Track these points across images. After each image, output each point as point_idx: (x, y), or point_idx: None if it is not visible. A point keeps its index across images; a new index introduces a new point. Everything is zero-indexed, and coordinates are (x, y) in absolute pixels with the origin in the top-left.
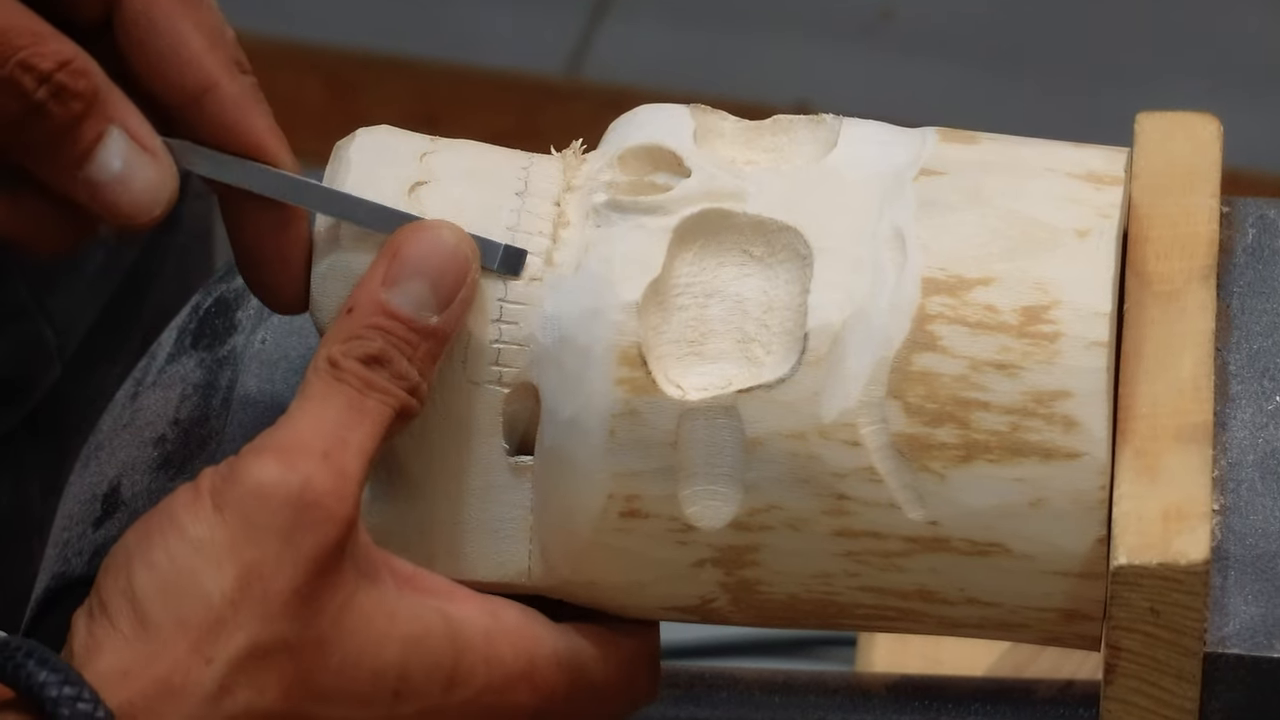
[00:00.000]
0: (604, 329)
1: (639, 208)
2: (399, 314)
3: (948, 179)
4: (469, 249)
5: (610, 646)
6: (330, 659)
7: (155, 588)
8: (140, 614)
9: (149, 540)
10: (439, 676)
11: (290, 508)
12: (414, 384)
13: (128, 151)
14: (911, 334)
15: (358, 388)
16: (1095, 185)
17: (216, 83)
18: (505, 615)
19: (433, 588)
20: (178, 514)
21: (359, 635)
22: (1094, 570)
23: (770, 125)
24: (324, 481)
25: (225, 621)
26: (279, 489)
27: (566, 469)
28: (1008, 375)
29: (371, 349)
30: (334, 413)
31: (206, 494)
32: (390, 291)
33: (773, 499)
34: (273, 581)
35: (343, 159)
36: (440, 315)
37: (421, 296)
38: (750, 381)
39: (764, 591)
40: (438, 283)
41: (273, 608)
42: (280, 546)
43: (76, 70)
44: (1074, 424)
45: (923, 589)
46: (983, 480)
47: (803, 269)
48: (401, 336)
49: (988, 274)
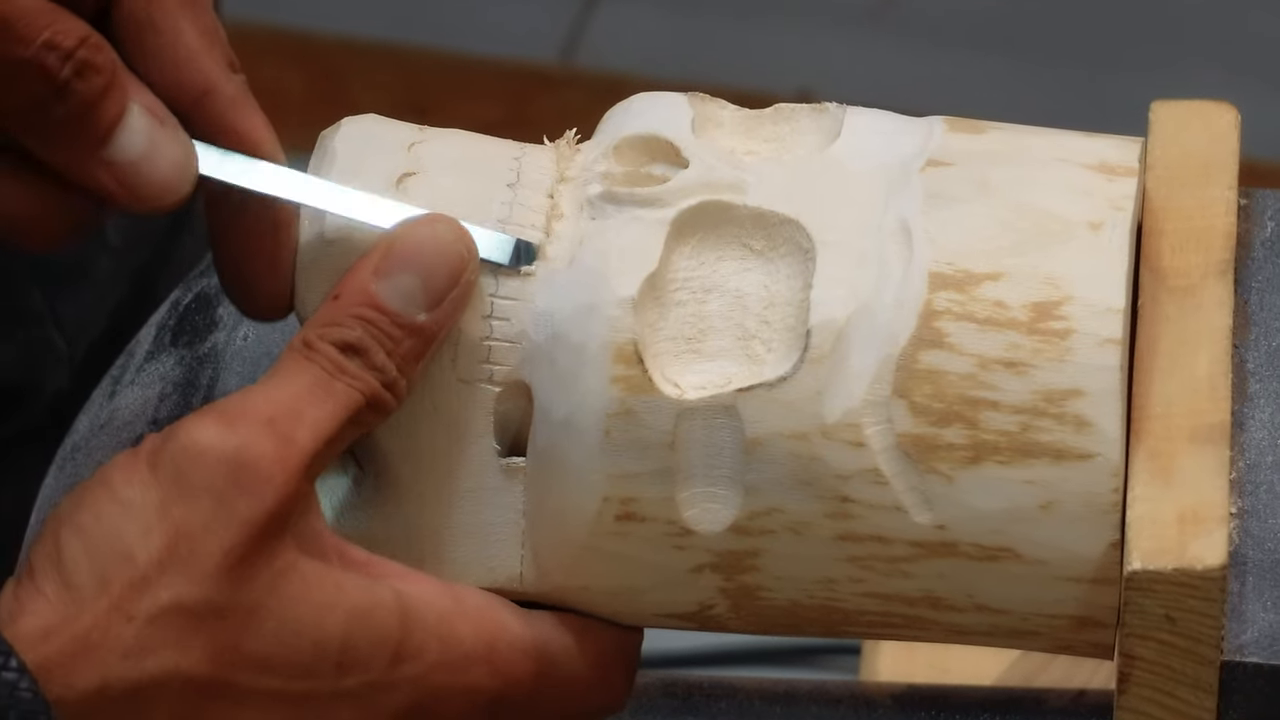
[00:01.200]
0: (599, 325)
1: (635, 200)
2: (385, 306)
3: (955, 170)
4: (467, 247)
5: (585, 640)
6: (264, 625)
7: (81, 549)
8: (64, 575)
9: (80, 504)
10: (385, 650)
11: (225, 468)
12: (390, 378)
13: (150, 128)
14: (918, 331)
15: (327, 369)
16: (1108, 176)
17: (215, 84)
18: (467, 598)
19: (388, 571)
20: (110, 476)
21: (299, 603)
22: (1107, 576)
23: (771, 114)
24: (264, 446)
25: (149, 580)
26: (214, 449)
27: (560, 471)
28: (1017, 374)
29: (350, 336)
30: (294, 387)
31: (143, 456)
32: (379, 283)
33: (774, 502)
34: (202, 542)
35: (327, 149)
36: (429, 313)
37: (411, 291)
38: (750, 380)
39: (765, 598)
40: (429, 279)
41: (201, 569)
42: (212, 507)
43: (96, 45)
44: (1086, 424)
45: (930, 595)
46: (992, 482)
47: (805, 263)
48: (384, 330)
49: (997, 269)
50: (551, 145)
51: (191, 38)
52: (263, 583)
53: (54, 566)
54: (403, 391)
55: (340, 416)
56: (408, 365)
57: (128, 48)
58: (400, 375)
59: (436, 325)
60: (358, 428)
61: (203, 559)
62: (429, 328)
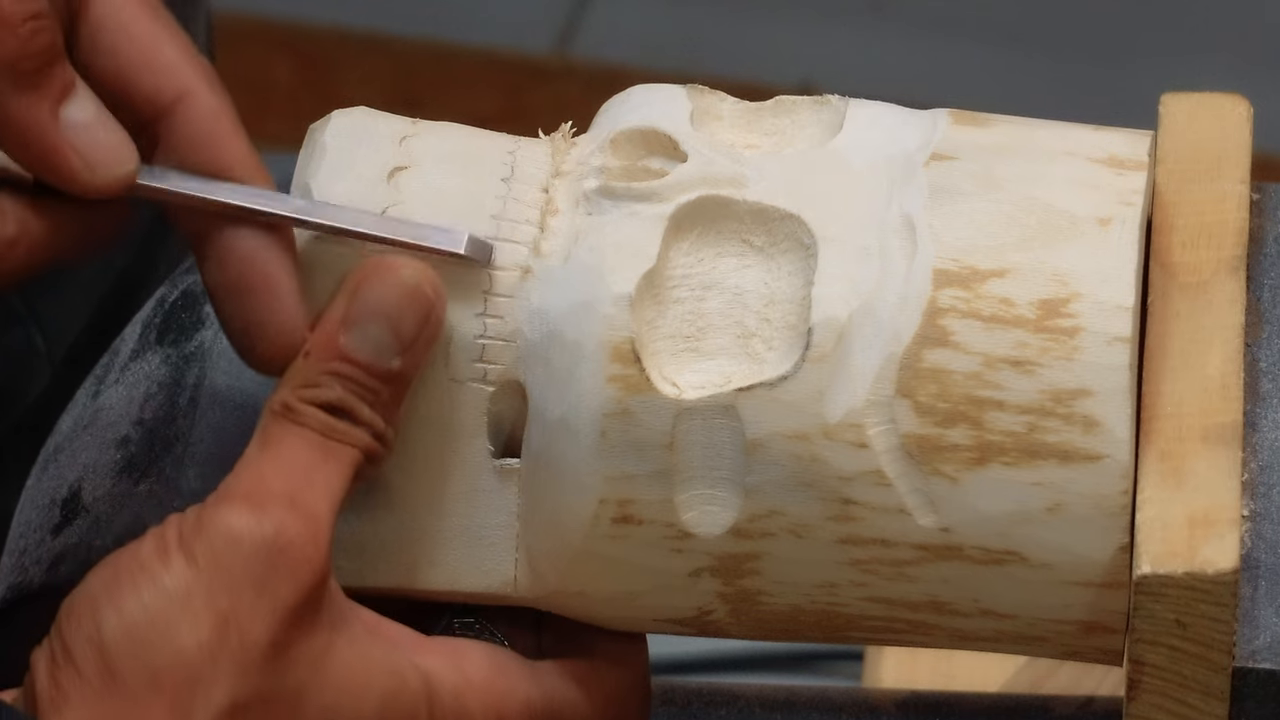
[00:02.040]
0: (595, 323)
1: (632, 194)
2: (357, 359)
3: (960, 164)
4: (431, 287)
5: (592, 684)
6: (307, 712)
7: (125, 636)
8: (109, 664)
9: (118, 585)
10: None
11: (264, 555)
12: (379, 430)
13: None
14: (922, 329)
15: (320, 431)
16: (1117, 170)
17: (192, 90)
18: (472, 669)
19: (399, 639)
20: (147, 560)
21: (337, 686)
22: (1116, 580)
23: (771, 107)
24: (296, 527)
25: (202, 677)
26: (251, 536)
27: (555, 472)
28: (1024, 373)
29: (330, 396)
30: (297, 456)
31: (174, 542)
32: (348, 335)
33: (774, 504)
34: (249, 632)
35: (316, 143)
36: (401, 358)
37: (381, 340)
38: (750, 379)
39: (765, 602)
40: (398, 325)
41: (250, 659)
42: (255, 595)
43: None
44: (1094, 424)
45: (934, 600)
46: (997, 484)
47: (806, 260)
48: (361, 383)
49: (1003, 265)
50: (546, 139)
51: (166, 43)
52: (305, 666)
53: (96, 652)
54: (391, 439)
55: (345, 480)
56: (391, 413)
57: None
58: (387, 426)
59: (411, 368)
60: (357, 483)
61: (250, 649)
62: (404, 372)
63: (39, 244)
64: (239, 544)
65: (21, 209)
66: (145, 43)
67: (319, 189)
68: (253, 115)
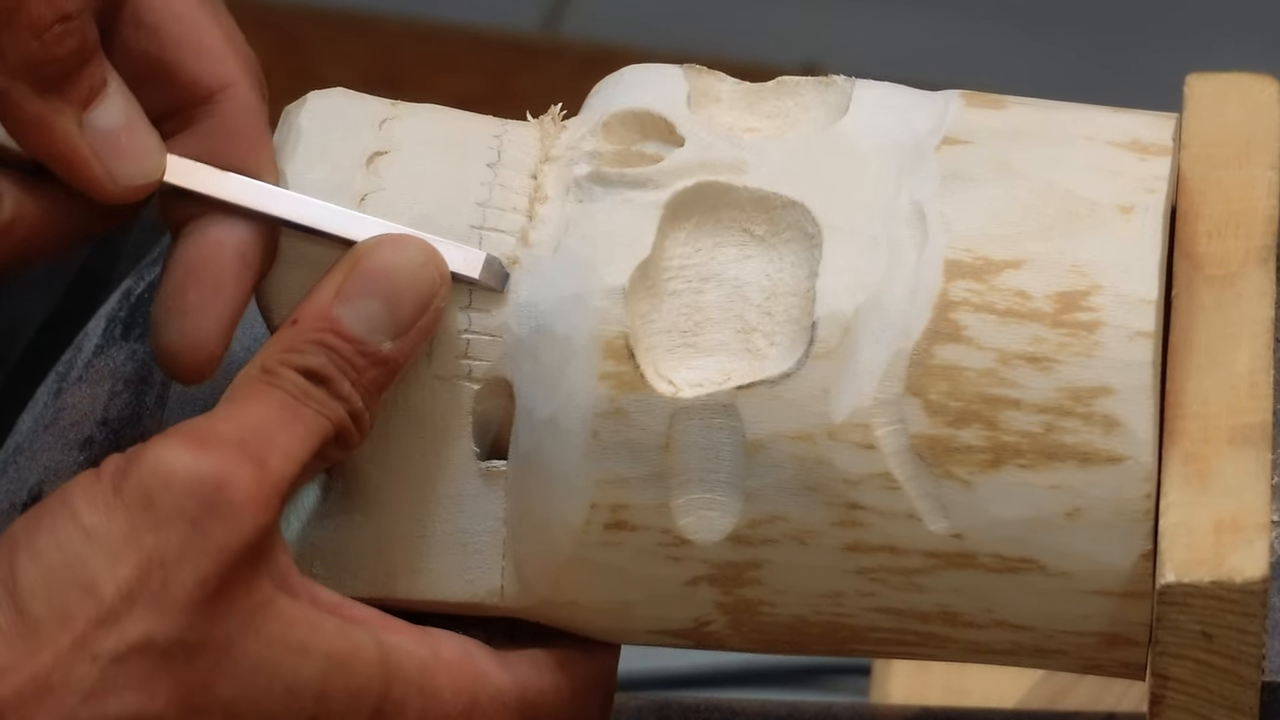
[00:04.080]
0: (586, 317)
1: (626, 181)
2: (348, 333)
3: (973, 148)
4: (439, 271)
5: (563, 677)
6: (238, 666)
7: (39, 577)
8: (20, 605)
9: (38, 526)
10: (365, 703)
11: (198, 494)
12: (355, 409)
13: (129, 106)
14: (933, 323)
15: (293, 394)
16: (1140, 155)
17: (234, 83)
18: (444, 648)
19: (362, 617)
20: (72, 498)
21: (275, 644)
22: (1138, 589)
23: (774, 88)
24: (239, 471)
25: (116, 615)
26: (186, 473)
27: (544, 475)
28: (1041, 369)
29: (313, 363)
30: (262, 410)
31: (107, 478)
32: (342, 307)
33: (776, 509)
34: (175, 573)
35: (291, 126)
36: (394, 341)
37: (376, 318)
38: (751, 376)
39: (766, 613)
40: (396, 306)
41: (173, 601)
42: (186, 534)
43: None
44: (1116, 424)
45: (945, 610)
46: (1013, 488)
47: (810, 250)
48: (347, 358)
49: (1019, 255)
50: (535, 122)
51: (214, 31)
52: (238, 619)
53: (8, 595)
54: (367, 425)
55: (310, 446)
56: (371, 396)
57: (141, 36)
58: (365, 407)
59: (402, 355)
60: (321, 461)
61: (175, 591)
62: (394, 357)
63: (36, 229)
64: (171, 481)
65: (19, 191)
66: (191, 26)
67: (294, 174)
68: None
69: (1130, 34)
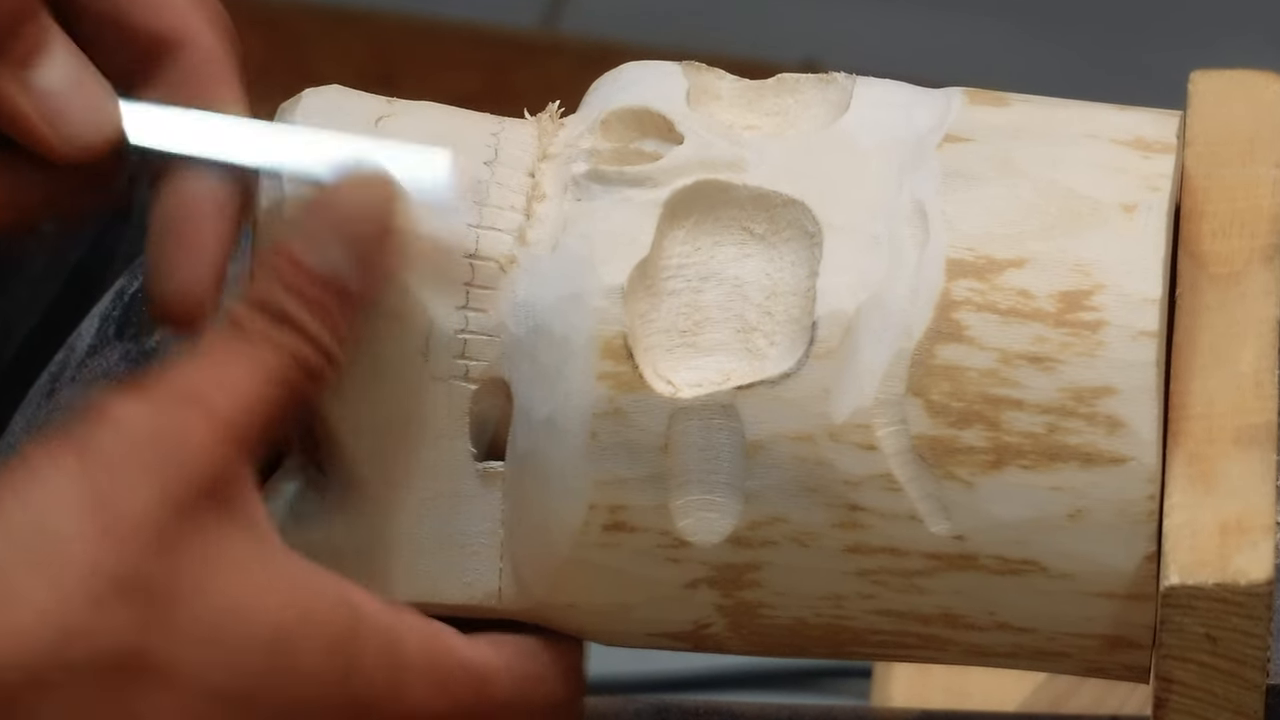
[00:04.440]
0: (584, 317)
1: (624, 179)
2: (309, 269)
3: (976, 146)
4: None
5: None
6: (195, 602)
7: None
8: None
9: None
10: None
11: (150, 442)
12: (322, 343)
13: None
14: (934, 323)
15: (253, 340)
16: (1143, 153)
17: (192, 36)
18: (411, 617)
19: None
20: (32, 457)
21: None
22: (1142, 591)
23: (774, 86)
24: (187, 416)
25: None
26: (134, 421)
27: (542, 476)
28: (1044, 369)
29: (271, 299)
30: (217, 357)
31: (65, 437)
32: (302, 244)
33: (776, 510)
34: (129, 514)
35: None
36: (356, 278)
37: (335, 251)
38: (751, 376)
39: (766, 615)
40: (356, 242)
41: (130, 541)
42: (138, 479)
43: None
44: (1119, 425)
45: (947, 612)
46: (1015, 489)
47: (810, 249)
48: (309, 294)
49: (1021, 254)
50: (533, 119)
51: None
52: (198, 561)
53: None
54: (339, 358)
55: (268, 383)
56: (338, 329)
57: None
58: (333, 341)
59: (365, 290)
60: (293, 397)
61: (131, 530)
62: (358, 291)
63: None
64: (122, 430)
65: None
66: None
67: None
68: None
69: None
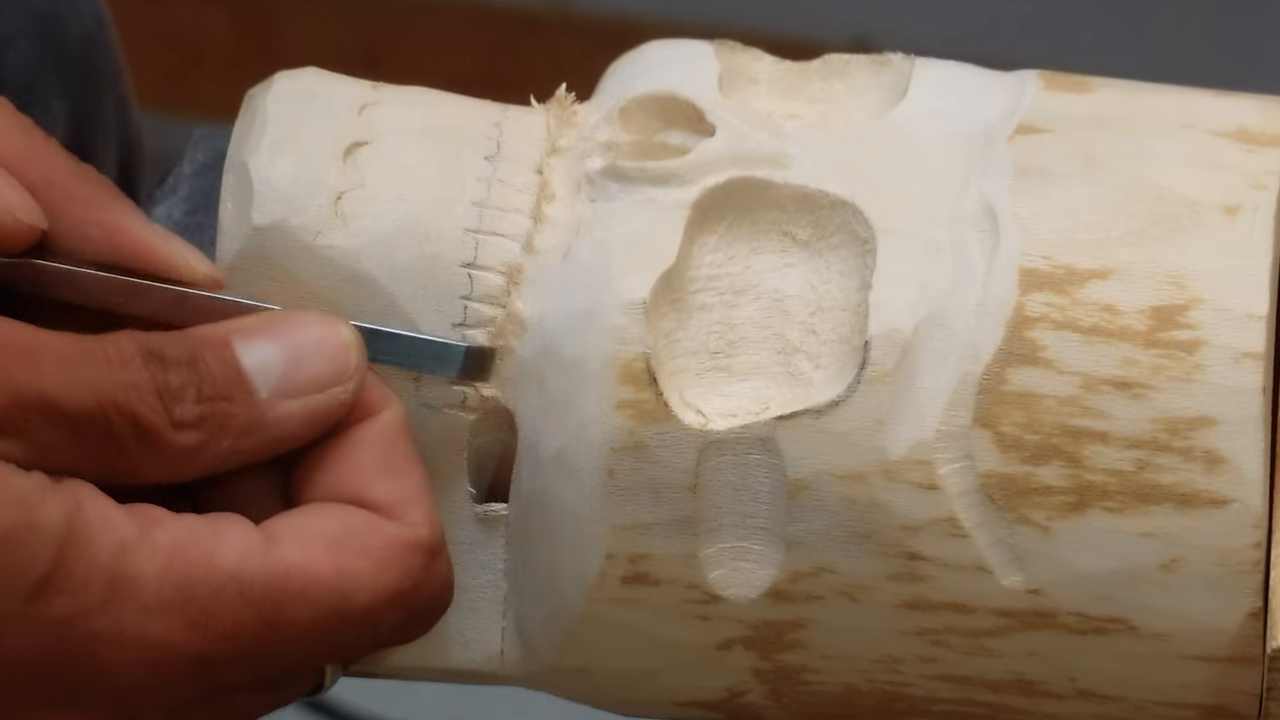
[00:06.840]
0: (600, 336)
1: (647, 176)
2: (233, 360)
3: (1053, 138)
4: (358, 354)
5: (346, 556)
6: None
7: None
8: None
9: None
10: (20, 579)
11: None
12: (177, 418)
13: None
14: (1006, 343)
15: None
16: (1247, 146)
17: (50, 178)
18: (165, 529)
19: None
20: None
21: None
22: (1246, 653)
23: (819, 68)
24: None
25: None
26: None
27: (551, 520)
28: (1132, 397)
29: (168, 354)
30: None
31: None
32: (241, 337)
33: (822, 560)
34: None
35: (256, 112)
36: (282, 401)
37: (270, 363)
38: (793, 405)
39: (812, 682)
40: (297, 361)
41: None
42: None
43: None
44: (1219, 461)
45: (1020, 678)
46: (1099, 535)
47: (862, 257)
48: (217, 382)
49: (1106, 264)
50: (540, 107)
51: None
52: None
53: None
54: (194, 450)
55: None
56: (222, 433)
57: None
58: (205, 435)
59: (279, 419)
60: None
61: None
62: (272, 420)
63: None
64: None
65: None
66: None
67: (258, 168)
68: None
69: (1236, 4)
